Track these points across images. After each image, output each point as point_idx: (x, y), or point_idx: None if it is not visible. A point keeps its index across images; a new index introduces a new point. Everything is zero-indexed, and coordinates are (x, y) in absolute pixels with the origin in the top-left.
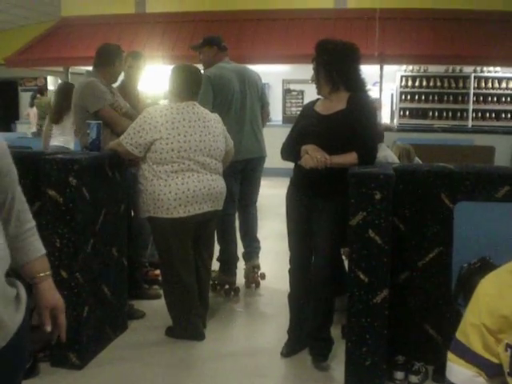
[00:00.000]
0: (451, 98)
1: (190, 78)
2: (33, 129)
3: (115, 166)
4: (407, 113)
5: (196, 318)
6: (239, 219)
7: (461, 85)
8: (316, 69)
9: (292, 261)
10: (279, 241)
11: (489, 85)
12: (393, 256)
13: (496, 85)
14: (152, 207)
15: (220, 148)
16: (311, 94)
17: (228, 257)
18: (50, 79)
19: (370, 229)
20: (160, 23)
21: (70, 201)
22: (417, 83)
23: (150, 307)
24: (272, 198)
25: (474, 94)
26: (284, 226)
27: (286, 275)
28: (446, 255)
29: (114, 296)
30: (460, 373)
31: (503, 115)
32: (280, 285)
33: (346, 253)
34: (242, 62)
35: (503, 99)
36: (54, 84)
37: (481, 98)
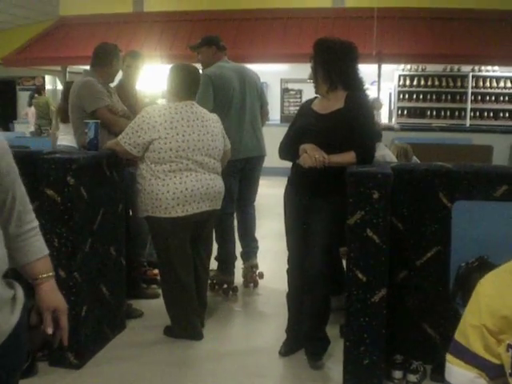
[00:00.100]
0: (449, 97)
1: (189, 78)
2: (31, 128)
3: (113, 166)
4: (405, 112)
5: (194, 318)
6: (237, 219)
7: (459, 84)
8: (314, 67)
9: (290, 260)
10: (277, 240)
11: (487, 84)
12: (391, 255)
13: (494, 84)
14: (150, 207)
15: (218, 147)
16: (309, 94)
17: (226, 256)
18: (48, 78)
19: (368, 228)
20: (158, 22)
21: (68, 200)
22: (415, 82)
23: (149, 307)
24: (270, 198)
25: (472, 94)
26: (282, 226)
27: (285, 275)
28: (444, 254)
29: (113, 295)
30: (461, 374)
31: (501, 114)
32: (278, 284)
33: (344, 252)
34: (240, 62)
35: (501, 98)
36: (52, 83)
37: (479, 98)
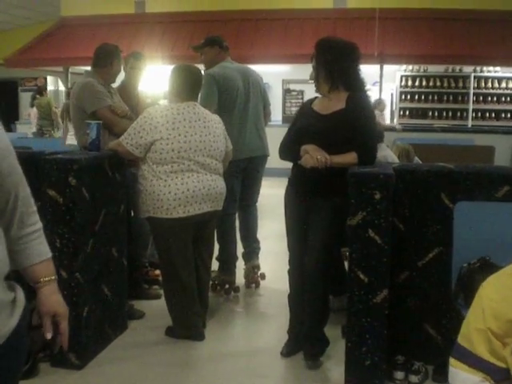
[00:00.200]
0: (451, 98)
1: (191, 79)
2: (33, 129)
3: (115, 166)
4: (407, 113)
5: (196, 318)
6: (239, 219)
7: (460, 84)
8: (316, 67)
9: (291, 261)
10: (279, 241)
11: (489, 85)
12: (393, 256)
13: (496, 85)
14: (152, 207)
15: (220, 148)
16: (311, 94)
17: (227, 256)
18: (50, 79)
19: (370, 229)
20: (159, 23)
21: (70, 201)
22: (416, 83)
23: (150, 307)
24: (271, 198)
25: (474, 94)
26: (283, 226)
27: (286, 275)
28: (446, 255)
29: (114, 296)
30: (465, 378)
31: (503, 115)
32: (280, 285)
33: (346, 252)
34: (242, 62)
35: (503, 99)
36: (54, 84)
37: (481, 98)
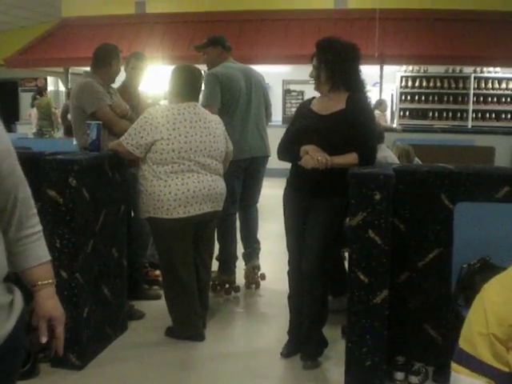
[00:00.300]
0: (451, 99)
1: (191, 79)
2: (34, 129)
3: (115, 167)
4: (407, 113)
5: (196, 319)
6: (240, 219)
7: (461, 85)
8: (317, 67)
9: (290, 262)
10: (279, 241)
11: (489, 85)
12: (393, 256)
13: (496, 85)
14: (152, 208)
15: (220, 149)
16: (311, 95)
17: (228, 256)
18: (51, 80)
19: (370, 229)
20: (160, 24)
21: (70, 201)
22: (417, 84)
23: (150, 308)
24: (271, 199)
25: (474, 95)
26: (283, 227)
27: (287, 276)
28: (446, 256)
29: (114, 296)
30: (469, 383)
31: (503, 116)
32: (280, 285)
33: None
34: (242, 63)
35: (503, 100)
36: (55, 85)
37: (481, 99)
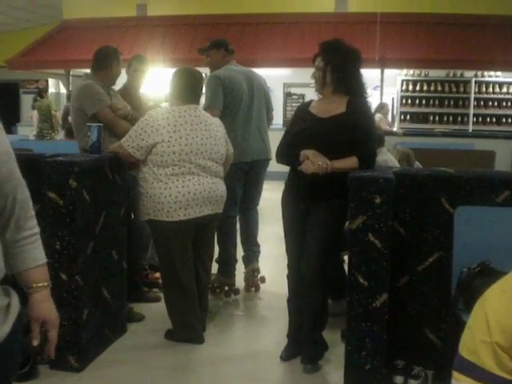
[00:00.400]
0: (452, 103)
1: (192, 82)
2: (35, 131)
3: (115, 169)
4: (408, 117)
5: (196, 321)
6: (240, 222)
7: (461, 89)
8: (323, 68)
9: (290, 265)
10: (278, 244)
11: (489, 89)
12: (393, 260)
13: (497, 89)
14: (152, 210)
15: (221, 151)
16: (312, 98)
17: (227, 259)
18: (52, 82)
19: (370, 233)
20: (161, 26)
21: (71, 203)
22: (417, 87)
23: (150, 310)
24: (271, 202)
25: (475, 99)
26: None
27: (286, 279)
28: (446, 259)
29: (114, 299)
30: None
31: (504, 120)
32: (280, 288)
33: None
34: (243, 66)
35: (504, 104)
36: (56, 87)
37: (481, 103)
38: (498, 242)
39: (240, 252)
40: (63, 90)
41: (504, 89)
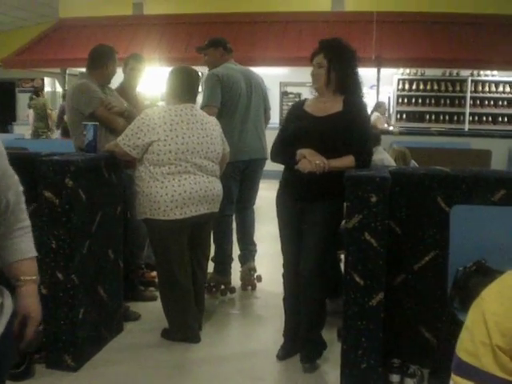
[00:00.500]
0: (448, 102)
1: (188, 80)
2: (30, 131)
3: (112, 168)
4: (404, 116)
5: (192, 320)
6: (236, 221)
7: (458, 88)
8: (327, 66)
9: (285, 265)
10: (275, 243)
11: (486, 88)
12: (389, 259)
13: (493, 88)
14: (148, 209)
15: (217, 150)
16: (308, 97)
17: (223, 257)
18: (48, 81)
19: (366, 231)
20: (157, 25)
21: (66, 202)
22: (414, 86)
23: (146, 309)
24: (267, 201)
25: (471, 98)
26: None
27: (282, 278)
28: (442, 258)
29: (110, 298)
30: None
31: (500, 119)
32: (276, 287)
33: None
34: (240, 65)
35: (500, 103)
36: (52, 85)
37: (478, 102)
38: (494, 241)
39: (236, 251)
40: (59, 89)
41: (500, 88)
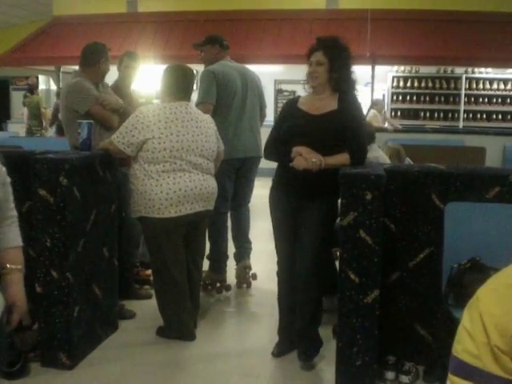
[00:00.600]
0: (442, 99)
1: (183, 78)
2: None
3: (106, 166)
4: (399, 113)
5: (187, 318)
6: (231, 219)
7: (452, 86)
8: (328, 66)
9: (280, 263)
10: (270, 241)
11: (480, 86)
12: (383, 256)
13: (487, 86)
14: (143, 207)
15: (212, 148)
16: (303, 94)
17: (218, 255)
18: (42, 78)
19: (361, 229)
20: (152, 23)
21: (61, 200)
22: (408, 84)
23: (141, 307)
24: (263, 198)
25: (466, 95)
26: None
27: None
28: (437, 255)
29: (105, 296)
30: None
31: (494, 116)
32: (271, 285)
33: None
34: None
35: (494, 100)
36: (46, 83)
37: (472, 99)
38: (489, 238)
39: (231, 248)
40: (53, 87)
41: (494, 85)
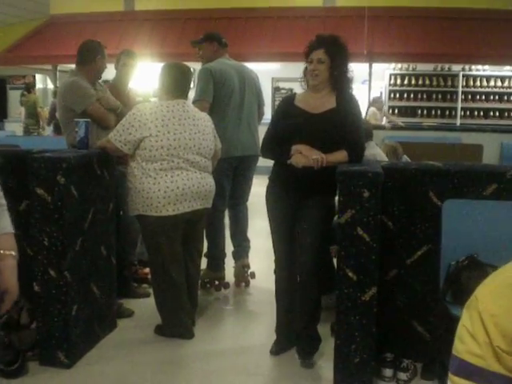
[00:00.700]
0: (440, 97)
1: (180, 76)
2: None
3: (104, 164)
4: (396, 111)
5: (185, 317)
6: (230, 217)
7: (449, 83)
8: (330, 64)
9: (278, 262)
10: (269, 239)
11: (477, 83)
12: (381, 254)
13: (484, 83)
14: (141, 205)
15: (209, 146)
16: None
17: (216, 253)
18: (39, 77)
19: (359, 226)
20: (149, 21)
21: (59, 199)
22: (405, 81)
23: (139, 306)
24: (261, 196)
25: (463, 93)
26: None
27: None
28: (434, 253)
29: (103, 295)
30: None
31: (491, 113)
32: (270, 283)
33: (335, 250)
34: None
35: (491, 97)
36: (43, 82)
37: (469, 97)
38: (486, 235)
39: (229, 246)
40: (50, 86)
41: (491, 82)
